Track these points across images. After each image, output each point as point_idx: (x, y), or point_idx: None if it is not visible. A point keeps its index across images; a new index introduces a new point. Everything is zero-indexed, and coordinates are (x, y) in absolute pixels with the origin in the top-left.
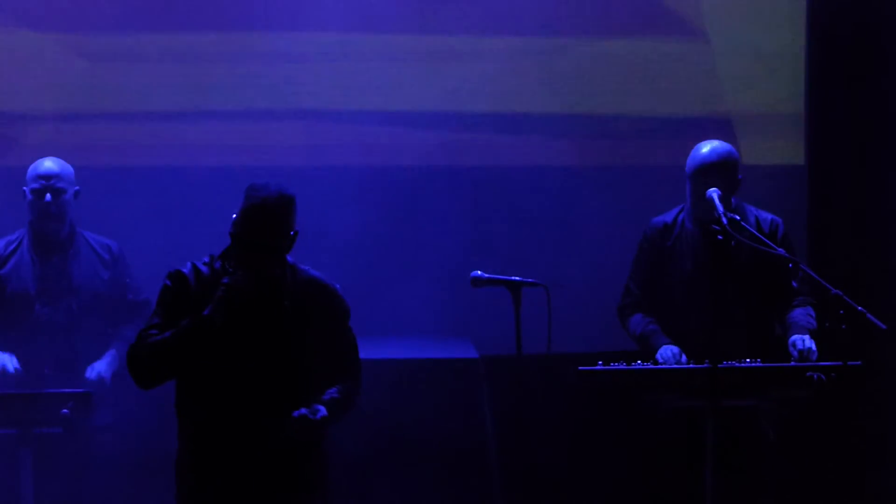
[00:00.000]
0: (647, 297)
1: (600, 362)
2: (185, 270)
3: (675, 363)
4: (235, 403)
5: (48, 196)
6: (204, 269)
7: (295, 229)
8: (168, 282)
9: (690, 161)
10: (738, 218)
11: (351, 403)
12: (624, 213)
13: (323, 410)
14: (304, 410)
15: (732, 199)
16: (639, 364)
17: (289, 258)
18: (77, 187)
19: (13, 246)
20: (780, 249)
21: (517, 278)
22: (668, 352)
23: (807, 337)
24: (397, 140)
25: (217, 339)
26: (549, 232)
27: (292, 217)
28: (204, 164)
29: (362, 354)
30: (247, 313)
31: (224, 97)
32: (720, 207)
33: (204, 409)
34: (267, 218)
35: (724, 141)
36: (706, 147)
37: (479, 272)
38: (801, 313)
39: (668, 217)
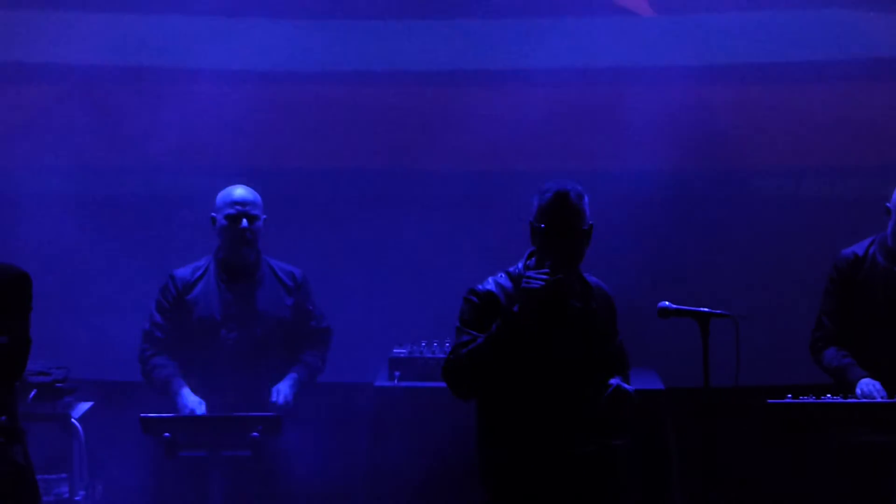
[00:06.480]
0: (839, 330)
1: (789, 395)
2: (491, 288)
3: (879, 398)
4: (539, 410)
5: (244, 222)
6: (507, 282)
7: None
8: (474, 299)
9: None
10: None
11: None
12: (814, 243)
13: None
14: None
15: None
16: (828, 398)
17: None
18: (265, 215)
19: (200, 272)
20: None
21: (705, 309)
22: (870, 386)
23: None
24: None
25: (525, 336)
26: (739, 262)
27: (586, 208)
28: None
29: None
30: (541, 315)
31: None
32: None
33: (511, 416)
34: (570, 202)
35: None
36: None
37: (666, 303)
38: None
39: (860, 249)
